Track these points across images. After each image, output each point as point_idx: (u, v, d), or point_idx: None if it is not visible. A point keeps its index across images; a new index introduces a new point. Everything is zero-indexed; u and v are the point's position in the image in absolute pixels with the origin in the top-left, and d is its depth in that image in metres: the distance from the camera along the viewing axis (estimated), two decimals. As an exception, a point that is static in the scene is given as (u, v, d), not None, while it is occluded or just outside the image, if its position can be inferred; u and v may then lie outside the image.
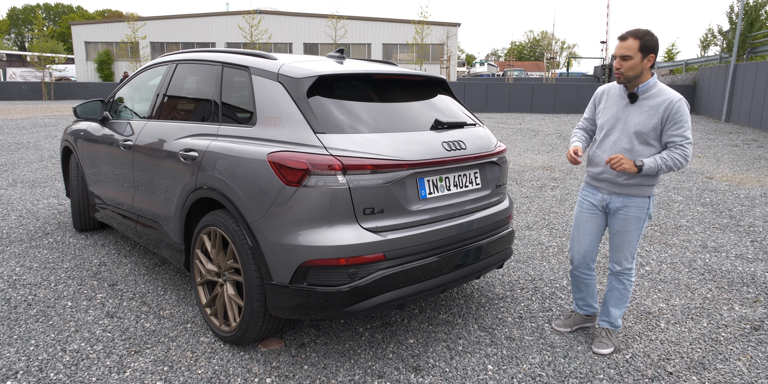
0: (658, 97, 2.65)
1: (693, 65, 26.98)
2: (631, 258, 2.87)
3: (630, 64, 2.60)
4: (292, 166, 2.42)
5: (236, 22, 32.70)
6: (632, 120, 2.69)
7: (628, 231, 2.82)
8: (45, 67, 30.34)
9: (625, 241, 2.84)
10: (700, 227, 5.44)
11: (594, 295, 3.13)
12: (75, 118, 4.39)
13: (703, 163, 9.57)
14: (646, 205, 2.78)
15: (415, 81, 3.18)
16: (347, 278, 2.42)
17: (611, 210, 2.85)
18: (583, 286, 3.09)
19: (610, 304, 2.97)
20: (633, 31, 2.63)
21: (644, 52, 2.59)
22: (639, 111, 2.69)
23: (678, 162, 2.62)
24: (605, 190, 2.85)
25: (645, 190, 2.76)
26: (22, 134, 12.63)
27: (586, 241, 2.97)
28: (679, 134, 2.62)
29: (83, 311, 3.33)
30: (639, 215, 2.79)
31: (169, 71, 3.61)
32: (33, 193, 6.53)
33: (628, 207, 2.79)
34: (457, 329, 3.16)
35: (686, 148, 2.61)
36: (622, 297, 2.94)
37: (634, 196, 2.77)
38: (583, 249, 2.98)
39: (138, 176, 3.59)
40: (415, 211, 2.61)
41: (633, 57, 2.59)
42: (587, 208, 2.95)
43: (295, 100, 2.61)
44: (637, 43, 2.58)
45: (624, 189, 2.78)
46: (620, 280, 2.92)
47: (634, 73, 2.63)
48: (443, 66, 31.23)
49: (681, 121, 2.61)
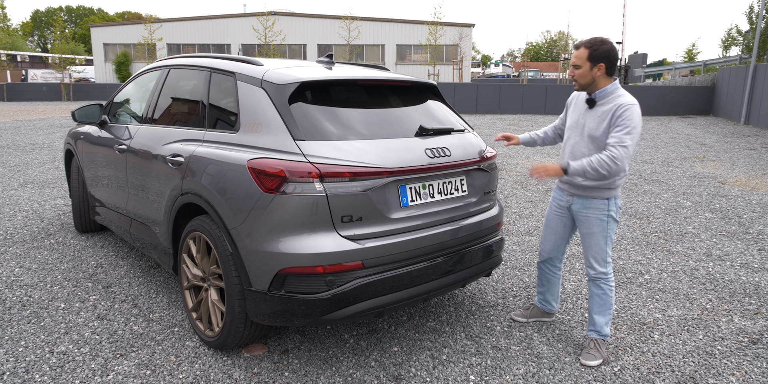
0: (611, 103, 2.72)
1: (713, 66, 26.47)
2: (603, 262, 2.91)
3: (580, 73, 2.73)
4: (270, 173, 2.41)
5: (251, 24, 32.95)
6: (588, 125, 2.79)
7: (592, 233, 2.88)
8: (64, 68, 30.91)
9: (592, 244, 2.90)
10: (707, 234, 5.32)
11: (555, 293, 3.27)
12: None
13: (717, 168, 9.37)
14: (605, 206, 2.84)
15: (403, 86, 3.15)
16: (325, 286, 2.41)
17: (573, 211, 2.95)
18: (546, 281, 3.25)
19: (593, 312, 2.96)
20: (586, 40, 2.73)
21: (593, 61, 2.68)
22: (594, 116, 2.78)
23: (604, 163, 2.61)
24: (567, 192, 2.96)
25: (602, 192, 2.82)
26: (38, 135, 12.88)
27: (552, 239, 3.12)
28: (615, 136, 2.64)
29: (75, 313, 3.36)
30: (599, 216, 2.85)
31: (162, 76, 3.64)
32: (41, 193, 6.65)
33: (588, 208, 2.87)
34: (444, 337, 3.12)
35: (616, 150, 2.61)
36: (603, 303, 2.93)
37: (592, 198, 2.85)
38: (549, 247, 3.15)
39: (131, 180, 3.62)
40: (395, 218, 2.58)
41: (582, 66, 2.71)
42: (555, 209, 3.08)
43: (277, 107, 2.60)
44: (586, 53, 2.69)
45: (582, 191, 2.86)
46: (598, 285, 2.94)
47: (585, 81, 2.75)
48: (456, 67, 31.10)
49: (622, 125, 2.64)
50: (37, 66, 48.73)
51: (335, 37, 34.54)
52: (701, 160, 10.27)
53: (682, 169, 9.14)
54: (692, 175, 8.57)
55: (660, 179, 8.22)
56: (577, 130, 2.86)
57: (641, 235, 5.30)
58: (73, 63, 34.62)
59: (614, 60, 2.70)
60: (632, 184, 7.85)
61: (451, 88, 22.50)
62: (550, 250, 3.14)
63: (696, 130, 16.01)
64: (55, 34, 38.63)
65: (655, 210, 6.30)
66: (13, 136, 12.63)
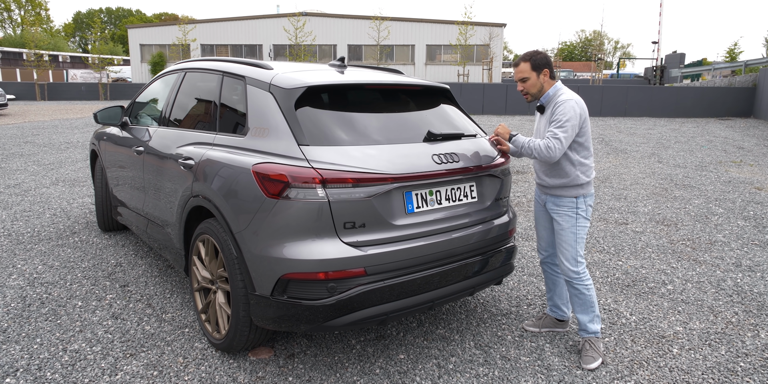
0: (552, 102, 2.91)
1: (755, 66, 25.44)
2: (573, 261, 2.96)
3: (530, 83, 2.91)
4: (274, 178, 2.40)
5: (282, 24, 33.32)
6: (541, 127, 3.01)
7: (562, 229, 2.98)
8: (103, 68, 31.89)
9: (562, 241, 2.98)
10: (737, 244, 5.10)
11: (563, 297, 3.23)
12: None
13: (754, 173, 8.99)
14: (573, 204, 2.96)
15: (415, 91, 3.11)
16: (326, 293, 2.39)
17: (548, 209, 3.07)
18: (551, 283, 3.24)
19: (576, 312, 3.04)
20: (522, 55, 2.96)
21: (537, 69, 2.89)
22: (545, 119, 2.96)
23: (539, 148, 2.82)
24: (543, 191, 3.11)
25: (569, 191, 2.96)
26: (73, 134, 13.30)
27: (544, 235, 3.19)
28: (551, 130, 2.82)
29: (91, 311, 3.44)
30: (569, 213, 2.96)
31: (178, 79, 3.69)
32: (71, 192, 6.85)
33: (558, 206, 2.99)
34: (452, 346, 3.06)
35: (550, 141, 2.79)
36: (583, 303, 2.99)
37: (561, 196, 2.99)
38: (544, 244, 3.20)
39: (147, 181, 3.69)
40: (400, 225, 2.54)
41: (529, 77, 2.90)
42: (538, 206, 3.20)
43: (283, 111, 2.60)
44: (528, 65, 2.89)
45: (551, 190, 3.01)
46: (573, 286, 3.00)
47: (537, 90, 2.93)
48: (486, 67, 30.75)
49: (556, 120, 2.82)
50: (77, 66, 50.49)
51: (365, 38, 34.61)
52: (738, 164, 9.87)
53: (716, 174, 8.80)
54: (727, 181, 8.24)
55: (692, 184, 7.93)
56: (538, 135, 3.05)
57: (667, 242, 5.11)
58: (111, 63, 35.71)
59: (552, 65, 2.93)
60: (662, 189, 7.60)
61: (481, 88, 22.26)
62: (546, 245, 3.20)
63: (734, 132, 15.41)
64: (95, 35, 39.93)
65: (684, 216, 6.08)
66: (50, 134, 13.08)
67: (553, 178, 2.95)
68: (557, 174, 2.94)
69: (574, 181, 2.92)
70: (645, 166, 9.50)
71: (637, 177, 8.50)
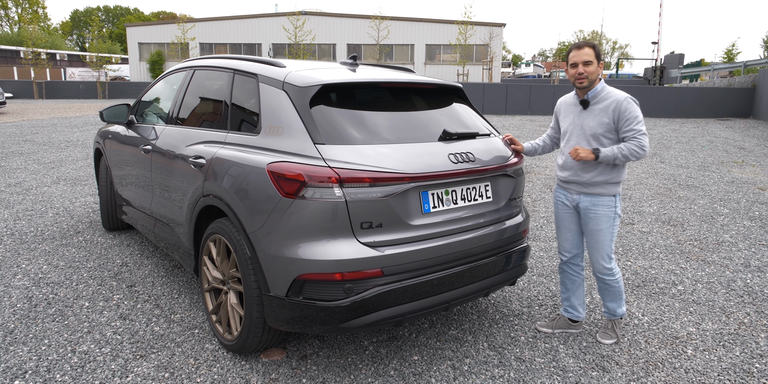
0: (606, 100, 2.93)
1: (753, 67, 25.48)
2: (608, 258, 3.04)
3: (592, 69, 2.91)
4: (290, 177, 2.37)
5: (282, 23, 33.25)
6: (587, 124, 2.97)
7: (600, 229, 3.00)
8: (101, 67, 31.76)
9: (599, 240, 3.01)
10: (745, 244, 5.08)
11: (581, 297, 3.24)
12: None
13: (756, 173, 8.99)
14: (612, 203, 2.99)
15: (428, 89, 3.08)
16: (343, 293, 2.36)
17: (581, 209, 3.06)
18: (570, 283, 3.23)
19: (606, 301, 3.16)
20: (586, 41, 2.97)
21: (598, 58, 2.93)
22: (592, 115, 2.96)
23: (634, 151, 2.83)
24: (574, 191, 3.08)
25: (609, 188, 2.98)
26: (73, 132, 13.23)
27: (569, 237, 3.17)
28: (631, 129, 2.86)
29: (98, 312, 3.40)
30: (608, 213, 2.98)
31: (187, 77, 3.65)
32: (73, 191, 6.80)
33: (596, 206, 2.99)
34: (466, 347, 3.04)
35: (640, 139, 2.83)
36: (614, 293, 3.11)
37: (600, 195, 2.99)
38: (568, 245, 3.19)
39: (155, 180, 3.65)
40: (416, 225, 2.51)
41: (593, 62, 2.91)
42: (562, 207, 3.18)
43: (298, 110, 2.56)
44: (593, 51, 2.91)
45: (590, 188, 3.00)
46: (605, 282, 3.09)
47: (595, 77, 2.93)
48: (486, 67, 30.74)
49: (630, 118, 2.86)
50: (75, 64, 50.29)
51: (365, 37, 34.57)
52: (740, 164, 9.87)
53: (719, 174, 8.80)
54: (730, 181, 8.23)
55: (696, 184, 7.92)
56: (576, 132, 3.02)
57: (675, 243, 5.09)
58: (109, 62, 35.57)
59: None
60: (666, 189, 7.59)
61: (481, 88, 22.24)
62: (570, 247, 3.18)
63: (735, 133, 15.42)
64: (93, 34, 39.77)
65: (690, 217, 6.06)
66: (49, 133, 13.01)
67: (600, 175, 2.94)
68: (605, 171, 2.93)
69: (617, 177, 2.96)
70: (648, 166, 9.49)
71: (641, 177, 8.49)
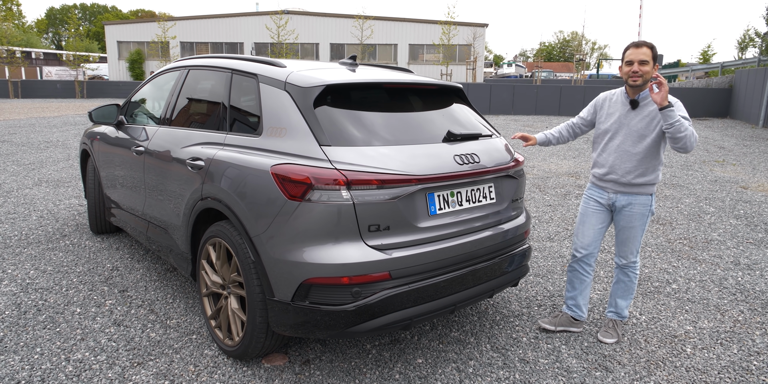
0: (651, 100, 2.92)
1: (729, 68, 26.05)
2: (636, 252, 3.13)
3: (647, 69, 2.87)
4: (295, 180, 2.33)
5: (264, 23, 32.96)
6: (635, 124, 2.98)
7: (633, 226, 3.06)
8: (79, 66, 31.12)
9: (631, 236, 3.09)
10: (733, 242, 5.17)
11: (586, 298, 3.29)
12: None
13: (737, 172, 9.17)
14: (648, 202, 3.04)
15: (429, 90, 3.05)
16: (350, 298, 2.32)
17: (617, 208, 3.09)
18: (578, 282, 3.25)
19: (617, 296, 3.21)
20: (645, 41, 2.92)
21: (654, 60, 2.89)
22: (640, 116, 2.97)
23: (692, 135, 2.73)
24: (611, 190, 3.09)
25: (648, 188, 3.03)
26: (52, 132, 12.93)
27: (590, 234, 3.17)
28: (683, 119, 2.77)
29: (91, 318, 3.31)
30: (643, 212, 3.03)
31: (181, 77, 3.57)
32: (56, 193, 6.63)
33: (632, 204, 3.03)
34: (469, 349, 3.02)
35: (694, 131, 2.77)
36: (628, 289, 3.19)
37: (638, 194, 3.02)
38: (587, 242, 3.18)
39: (149, 182, 3.56)
40: (423, 227, 2.49)
41: (649, 62, 2.88)
42: (592, 205, 3.18)
43: (302, 111, 2.52)
44: (650, 52, 2.87)
45: (629, 188, 3.03)
46: (626, 274, 3.18)
47: (648, 77, 2.89)
48: (469, 67, 30.90)
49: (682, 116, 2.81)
50: (52, 63, 49.18)
51: (348, 37, 34.46)
52: (721, 163, 10.07)
53: (702, 173, 8.95)
54: (713, 180, 8.38)
55: (680, 184, 8.04)
56: (622, 131, 3.01)
57: (665, 242, 5.16)
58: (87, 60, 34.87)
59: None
60: (652, 188, 7.69)
61: (465, 88, 22.31)
62: (588, 244, 3.18)
63: (714, 132, 15.74)
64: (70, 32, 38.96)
65: (677, 216, 6.15)
66: (27, 133, 12.68)
67: (641, 176, 2.98)
68: (647, 172, 2.97)
69: (656, 179, 3.01)
70: (633, 166, 9.60)
71: (627, 176, 8.59)
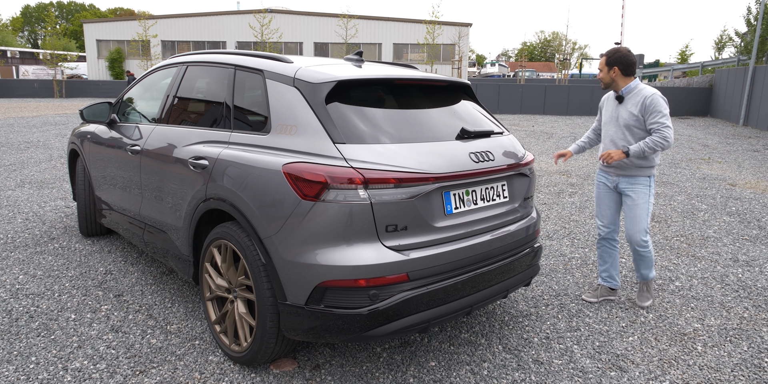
0: (637, 96, 3.38)
1: (709, 67, 26.51)
2: (644, 232, 3.45)
3: (601, 76, 3.49)
4: (310, 179, 2.24)
5: (247, 21, 32.62)
6: (622, 116, 3.44)
7: (636, 204, 3.44)
8: (57, 64, 30.43)
9: (637, 215, 3.43)
10: (729, 239, 5.21)
11: (616, 268, 3.69)
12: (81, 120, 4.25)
13: (724, 169, 9.30)
14: (647, 182, 3.46)
15: (438, 86, 2.99)
16: (368, 300, 2.24)
17: (621, 189, 3.52)
18: (608, 256, 3.66)
19: (640, 269, 3.60)
20: (607, 51, 3.48)
21: (609, 65, 3.42)
22: (625, 108, 3.42)
23: (658, 143, 3.25)
24: (614, 173, 3.53)
25: (645, 171, 3.45)
26: (32, 133, 12.59)
27: (608, 214, 3.61)
28: (656, 121, 3.28)
29: (87, 325, 3.18)
30: (644, 190, 3.45)
31: (179, 73, 3.45)
32: (40, 194, 6.42)
33: (633, 184, 3.46)
34: (481, 350, 2.97)
35: (664, 131, 3.25)
36: (647, 262, 3.55)
37: (637, 176, 3.46)
38: (607, 221, 3.62)
39: (146, 182, 3.44)
40: (440, 227, 2.42)
41: (602, 70, 3.47)
42: (603, 188, 3.63)
43: (313, 107, 2.43)
44: (604, 59, 3.45)
45: (628, 171, 3.46)
46: (639, 253, 3.52)
47: (607, 81, 3.47)
48: (454, 66, 30.96)
49: (655, 111, 3.28)
50: (28, 62, 48.04)
51: (332, 36, 34.29)
52: (707, 161, 10.20)
53: (690, 171, 9.05)
54: (701, 177, 8.48)
55: (671, 181, 8.12)
56: (613, 123, 3.49)
57: (663, 239, 5.17)
58: (66, 59, 34.12)
59: (628, 63, 3.37)
60: (644, 186, 7.74)
61: (450, 87, 22.35)
62: (609, 223, 3.61)
63: (696, 131, 15.98)
64: (47, 30, 38.07)
65: (672, 213, 6.19)
66: (6, 133, 12.33)
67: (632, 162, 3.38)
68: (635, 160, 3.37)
69: (651, 162, 3.41)
70: (622, 164, 9.67)
71: (618, 174, 8.64)
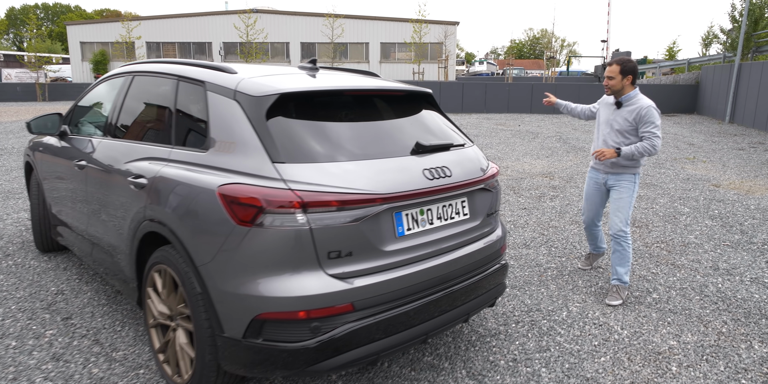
0: (634, 105, 3.71)
1: (695, 64, 26.55)
2: (626, 223, 3.79)
3: (613, 83, 3.71)
4: (244, 202, 2.06)
5: (232, 22, 32.28)
6: (617, 121, 3.78)
7: (622, 197, 3.82)
8: (40, 67, 29.94)
9: (621, 206, 3.80)
10: (710, 245, 5.08)
11: (602, 239, 4.31)
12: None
13: (708, 169, 9.20)
14: (633, 179, 3.84)
15: (396, 96, 2.82)
16: (309, 333, 2.07)
17: (609, 185, 3.91)
18: (593, 237, 4.29)
19: (615, 265, 3.82)
20: (617, 58, 3.73)
21: (623, 74, 3.68)
22: (621, 115, 3.76)
23: (647, 149, 3.63)
24: (602, 171, 3.94)
25: (630, 169, 3.82)
26: (8, 139, 12.29)
27: (593, 209, 4.11)
28: (648, 130, 3.64)
29: (27, 353, 2.98)
30: (629, 186, 3.83)
31: (125, 84, 3.26)
32: (4, 205, 6.19)
33: (620, 181, 3.84)
34: (443, 375, 2.80)
35: (654, 140, 3.62)
36: (623, 257, 3.79)
37: (623, 173, 3.83)
38: (592, 215, 4.15)
39: (92, 200, 3.24)
40: (390, 251, 2.25)
41: (615, 77, 3.69)
42: (593, 185, 4.05)
43: (252, 122, 2.25)
44: (618, 68, 3.67)
45: (616, 169, 3.84)
46: (619, 243, 3.79)
47: (617, 88, 3.72)
48: (441, 65, 30.83)
49: (649, 122, 3.64)
50: (12, 65, 47.32)
51: (319, 35, 34.02)
52: (692, 161, 10.12)
53: (674, 171, 8.95)
54: (685, 178, 8.37)
55: (654, 183, 8.00)
56: (608, 125, 3.83)
57: (643, 245, 5.04)
58: (49, 62, 33.65)
59: (637, 73, 3.70)
60: (627, 188, 7.61)
61: (437, 86, 22.21)
62: (593, 217, 4.15)
63: (682, 128, 15.93)
64: (31, 32, 37.50)
65: (653, 217, 6.06)
66: (-20, 140, 12.01)
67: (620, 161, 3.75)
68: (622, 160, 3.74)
69: (638, 163, 3.79)
70: (606, 165, 9.56)
71: (601, 176, 8.51)
